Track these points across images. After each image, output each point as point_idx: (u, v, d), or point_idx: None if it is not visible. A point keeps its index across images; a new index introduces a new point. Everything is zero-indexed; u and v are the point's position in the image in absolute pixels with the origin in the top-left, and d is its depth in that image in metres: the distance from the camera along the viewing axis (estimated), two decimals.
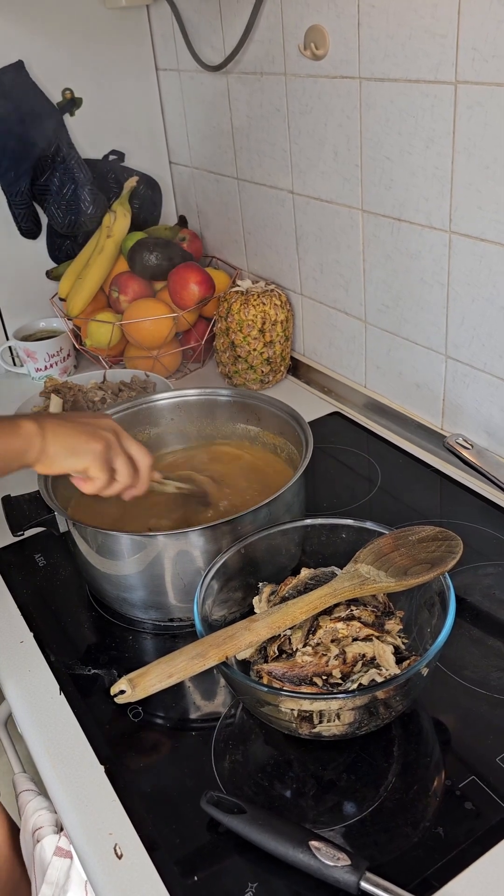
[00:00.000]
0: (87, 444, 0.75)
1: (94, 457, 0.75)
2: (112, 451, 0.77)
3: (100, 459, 0.76)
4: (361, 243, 1.10)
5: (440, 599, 0.70)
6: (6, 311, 1.46)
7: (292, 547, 0.82)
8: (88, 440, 0.76)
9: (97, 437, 0.76)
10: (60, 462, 0.75)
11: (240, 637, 0.67)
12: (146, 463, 0.81)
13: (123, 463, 0.78)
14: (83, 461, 0.75)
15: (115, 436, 0.79)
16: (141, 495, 0.83)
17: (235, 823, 0.61)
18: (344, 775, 0.67)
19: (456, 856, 0.60)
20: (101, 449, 0.76)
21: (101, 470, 0.76)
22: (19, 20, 1.30)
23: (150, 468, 0.82)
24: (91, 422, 0.78)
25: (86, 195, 1.38)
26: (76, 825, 0.67)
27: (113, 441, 0.78)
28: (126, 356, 1.38)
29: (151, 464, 0.82)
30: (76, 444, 0.75)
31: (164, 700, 0.76)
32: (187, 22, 1.30)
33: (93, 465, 0.76)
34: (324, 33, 1.01)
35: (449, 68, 0.86)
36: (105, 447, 0.76)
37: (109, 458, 0.77)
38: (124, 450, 0.79)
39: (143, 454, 0.81)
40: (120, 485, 0.79)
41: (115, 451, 0.78)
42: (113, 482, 0.78)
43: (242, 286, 1.29)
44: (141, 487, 0.82)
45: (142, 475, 0.81)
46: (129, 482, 0.80)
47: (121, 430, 0.80)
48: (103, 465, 0.76)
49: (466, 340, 0.99)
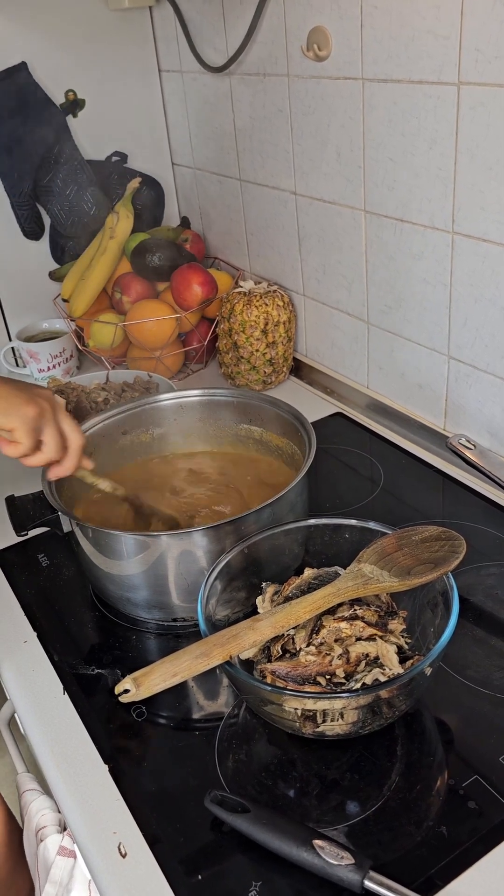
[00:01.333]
0: (18, 407, 0.75)
1: (23, 420, 0.75)
2: (43, 420, 0.76)
3: (28, 424, 0.75)
4: (364, 244, 1.10)
5: (443, 599, 0.70)
6: (9, 312, 1.46)
7: (296, 547, 0.82)
8: (21, 403, 0.75)
9: (31, 402, 0.75)
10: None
11: (243, 636, 0.67)
12: (77, 442, 0.80)
13: (52, 434, 0.77)
14: (11, 421, 0.74)
15: (51, 406, 0.78)
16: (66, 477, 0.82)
17: (239, 822, 0.61)
18: (347, 774, 0.67)
19: (459, 855, 0.60)
20: (33, 415, 0.75)
21: (27, 435, 0.75)
22: (22, 22, 1.30)
23: (80, 449, 0.81)
24: (30, 387, 0.78)
25: (88, 196, 1.39)
26: (80, 824, 0.67)
27: (47, 410, 0.77)
28: (129, 357, 1.39)
29: (82, 445, 0.81)
30: (8, 404, 0.74)
31: (168, 699, 0.76)
32: (190, 23, 1.31)
33: (20, 428, 0.75)
34: (326, 34, 1.01)
35: (452, 69, 0.86)
36: (37, 414, 0.76)
37: (39, 427, 0.76)
38: (57, 423, 0.78)
39: (76, 433, 0.80)
40: (44, 456, 0.78)
41: (47, 421, 0.77)
42: (37, 452, 0.78)
43: (245, 287, 1.29)
44: (67, 467, 0.81)
45: (70, 453, 0.80)
46: (55, 456, 0.79)
47: (58, 405, 0.79)
48: (31, 431, 0.75)
49: (469, 341, 0.99)
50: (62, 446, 0.79)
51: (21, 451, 0.77)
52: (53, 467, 0.81)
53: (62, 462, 0.80)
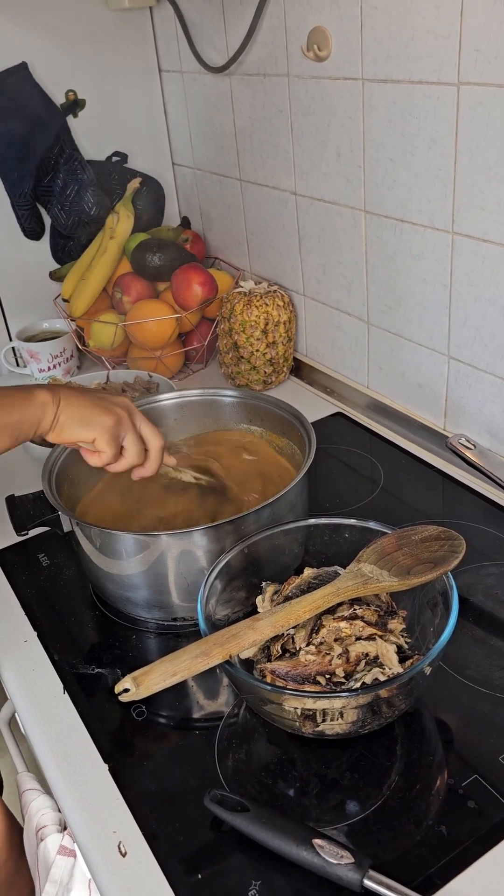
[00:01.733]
0: (98, 417, 0.76)
1: (104, 430, 0.76)
2: (122, 427, 0.78)
3: (109, 433, 0.77)
4: (364, 244, 1.10)
5: (443, 599, 0.70)
6: (9, 312, 1.47)
7: (295, 546, 0.83)
8: (100, 413, 0.77)
9: (109, 412, 0.77)
10: (70, 431, 0.76)
11: (243, 636, 0.67)
12: (157, 444, 0.82)
13: (133, 440, 0.79)
14: (92, 432, 0.76)
15: (128, 413, 0.79)
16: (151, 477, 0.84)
17: (239, 822, 0.62)
18: (347, 774, 0.67)
19: (458, 854, 0.60)
20: (112, 423, 0.77)
21: (109, 444, 0.77)
22: (23, 22, 1.30)
23: (162, 450, 0.82)
24: (106, 397, 0.79)
25: (89, 196, 1.39)
26: (80, 824, 0.67)
27: (125, 417, 0.79)
28: (129, 357, 1.39)
29: (163, 446, 0.83)
30: (87, 416, 0.76)
31: (168, 699, 0.76)
32: (190, 23, 1.31)
33: (101, 438, 0.76)
34: (326, 35, 1.02)
35: (451, 69, 0.87)
36: (116, 422, 0.77)
37: (119, 434, 0.78)
38: (136, 428, 0.80)
39: (155, 435, 0.81)
40: (127, 461, 0.80)
41: (126, 428, 0.78)
42: (121, 458, 0.79)
43: (245, 287, 1.29)
44: (150, 468, 0.82)
45: (151, 456, 0.82)
46: (137, 460, 0.80)
47: (135, 409, 0.81)
48: (112, 439, 0.77)
49: (469, 341, 0.99)
50: (143, 450, 0.81)
51: (105, 460, 0.79)
52: (136, 470, 0.82)
53: (144, 465, 0.82)
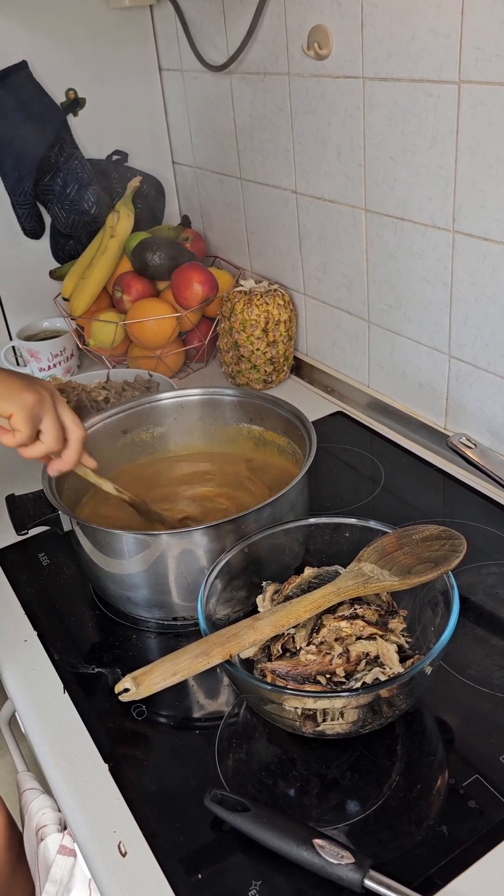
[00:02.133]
0: (17, 392, 0.73)
1: (22, 405, 0.73)
2: (43, 408, 0.74)
3: (27, 410, 0.73)
4: (364, 243, 1.10)
5: (444, 598, 0.70)
6: (9, 311, 1.46)
7: (296, 546, 0.82)
8: (21, 389, 0.73)
9: (30, 389, 0.74)
10: None
11: (243, 636, 0.67)
12: (77, 434, 0.78)
13: (52, 423, 0.75)
14: (9, 407, 0.72)
15: (52, 396, 0.76)
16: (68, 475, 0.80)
17: (239, 821, 0.61)
18: (347, 774, 0.67)
19: (459, 854, 0.60)
20: (32, 402, 0.73)
21: (26, 422, 0.73)
22: (23, 21, 1.30)
23: (81, 441, 0.79)
24: (30, 378, 0.76)
25: (89, 195, 1.39)
26: (80, 823, 0.67)
27: (47, 399, 0.75)
28: (129, 356, 1.39)
29: (83, 437, 0.79)
30: (6, 390, 0.72)
31: (168, 698, 0.76)
32: (190, 22, 1.30)
33: (18, 414, 0.73)
34: (327, 33, 1.01)
35: (452, 68, 0.86)
36: (36, 401, 0.74)
37: (38, 415, 0.74)
38: (56, 412, 0.76)
39: (76, 425, 0.78)
40: (43, 446, 0.76)
41: (46, 409, 0.75)
42: (36, 442, 0.76)
43: (245, 286, 1.29)
44: (67, 460, 0.79)
45: (70, 445, 0.78)
46: (54, 446, 0.77)
47: (59, 395, 0.78)
48: (29, 417, 0.73)
49: (470, 340, 0.99)
50: (62, 438, 0.77)
51: (19, 440, 0.74)
52: (54, 461, 0.79)
53: (62, 455, 0.79)
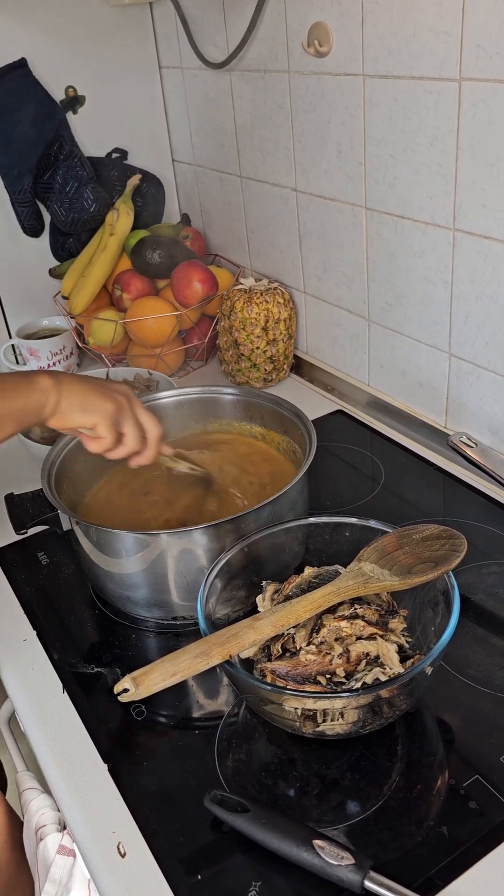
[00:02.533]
0: (99, 403, 0.77)
1: (104, 415, 0.77)
2: (122, 414, 0.79)
3: (109, 419, 0.77)
4: (365, 241, 1.10)
5: (444, 598, 0.70)
6: (9, 310, 1.46)
7: (296, 545, 0.82)
8: (102, 399, 0.77)
9: (110, 398, 0.78)
10: (71, 417, 0.76)
11: (243, 636, 0.67)
12: (156, 433, 0.83)
13: (132, 427, 0.80)
14: (93, 418, 0.77)
15: (128, 401, 0.80)
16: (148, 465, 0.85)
17: (239, 822, 0.61)
18: (347, 774, 0.67)
19: (460, 855, 0.60)
20: (113, 410, 0.78)
21: (109, 430, 0.78)
22: (22, 18, 1.29)
23: (160, 439, 0.83)
24: (106, 383, 0.80)
25: (88, 193, 1.38)
26: (79, 824, 0.67)
27: (125, 405, 0.79)
28: (129, 354, 1.38)
29: (161, 435, 0.83)
30: (89, 401, 0.77)
31: (168, 698, 0.76)
32: (190, 19, 1.30)
33: (101, 424, 0.77)
34: (327, 30, 1.01)
35: (453, 66, 0.86)
36: (116, 409, 0.78)
37: (119, 421, 0.79)
38: (135, 415, 0.81)
39: (153, 424, 0.82)
40: (127, 448, 0.80)
41: (126, 415, 0.79)
42: (119, 445, 0.80)
43: (245, 284, 1.28)
44: (147, 456, 0.83)
45: (150, 443, 0.82)
46: (136, 447, 0.81)
47: (134, 397, 0.82)
48: (112, 425, 0.78)
49: (470, 338, 0.99)
50: (142, 437, 0.82)
51: (105, 446, 0.79)
52: (134, 458, 0.83)
53: (142, 452, 0.82)
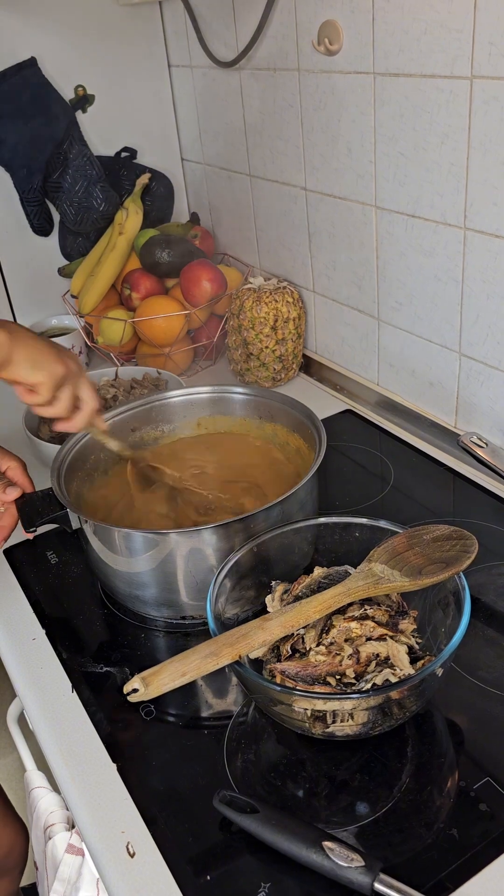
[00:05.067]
0: (49, 364, 0.79)
1: (51, 376, 0.79)
2: (66, 380, 0.81)
3: (54, 381, 0.79)
4: (375, 240, 1.09)
5: (454, 599, 0.69)
6: (18, 308, 1.46)
7: (305, 545, 0.82)
8: (52, 361, 0.79)
9: (61, 362, 0.80)
10: (18, 370, 0.77)
11: (253, 636, 0.66)
12: (92, 405, 0.85)
13: (68, 394, 0.82)
14: (39, 376, 0.78)
15: (77, 369, 0.83)
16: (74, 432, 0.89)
17: (248, 823, 0.61)
18: (357, 775, 0.67)
19: (470, 858, 0.59)
20: (61, 374, 0.80)
21: (49, 391, 0.80)
22: (32, 17, 1.30)
23: (93, 412, 0.85)
24: (60, 348, 0.82)
25: (98, 192, 1.38)
26: (88, 823, 0.67)
27: (73, 371, 0.82)
28: (138, 353, 1.38)
29: (96, 409, 0.86)
30: (40, 359, 0.78)
31: (177, 698, 0.75)
32: (200, 18, 1.30)
33: (46, 384, 0.79)
34: (338, 28, 1.01)
35: (465, 63, 0.85)
36: (64, 374, 0.80)
37: (61, 385, 0.80)
38: (76, 385, 0.83)
39: (91, 397, 0.85)
40: (54, 410, 0.82)
41: (69, 380, 0.81)
42: (50, 406, 0.82)
43: (254, 283, 1.28)
44: (75, 424, 0.85)
45: (82, 413, 0.84)
46: (64, 414, 0.83)
47: (83, 370, 0.84)
48: (54, 387, 0.80)
49: (481, 338, 0.98)
50: (73, 407, 0.84)
51: (37, 402, 0.81)
52: (62, 422, 0.85)
53: (71, 419, 0.84)
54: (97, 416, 0.88)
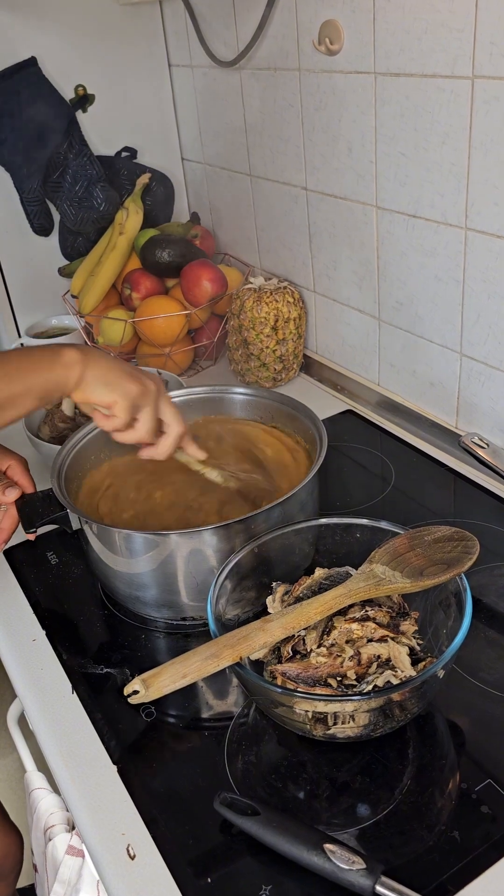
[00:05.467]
0: (123, 382, 0.75)
1: (125, 395, 0.75)
2: (144, 400, 0.77)
3: (129, 400, 0.76)
4: (375, 240, 1.09)
5: (456, 600, 0.69)
6: (18, 309, 1.46)
7: (306, 546, 0.82)
8: (126, 379, 0.76)
9: (135, 380, 0.76)
10: (93, 391, 0.75)
11: (254, 637, 0.66)
12: (177, 430, 0.81)
13: (148, 417, 0.78)
14: (113, 395, 0.75)
15: (156, 389, 0.79)
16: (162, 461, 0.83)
17: (249, 825, 0.61)
18: (358, 777, 0.66)
19: (472, 860, 0.59)
20: (136, 392, 0.76)
21: (126, 411, 0.76)
22: (32, 17, 1.29)
23: (180, 437, 0.81)
24: (137, 368, 0.79)
25: (98, 192, 1.38)
26: (88, 825, 0.67)
27: (151, 391, 0.78)
28: (138, 353, 1.38)
29: (183, 433, 0.81)
30: (113, 378, 0.75)
31: (177, 700, 0.75)
32: (200, 18, 1.30)
33: (121, 403, 0.75)
34: (338, 28, 1.00)
35: (466, 63, 0.85)
36: (140, 393, 0.76)
37: (139, 406, 0.77)
38: (157, 406, 0.79)
39: (177, 420, 0.81)
40: (136, 434, 0.78)
41: (147, 402, 0.77)
42: (130, 430, 0.78)
43: (255, 283, 1.28)
44: (161, 451, 0.81)
45: (167, 439, 0.80)
46: (146, 437, 0.79)
47: (163, 389, 0.80)
48: (130, 407, 0.76)
49: (482, 338, 0.98)
50: (157, 431, 0.80)
51: (115, 426, 0.77)
52: (146, 448, 0.81)
53: (157, 445, 0.81)
54: (189, 443, 0.83)
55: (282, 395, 0.98)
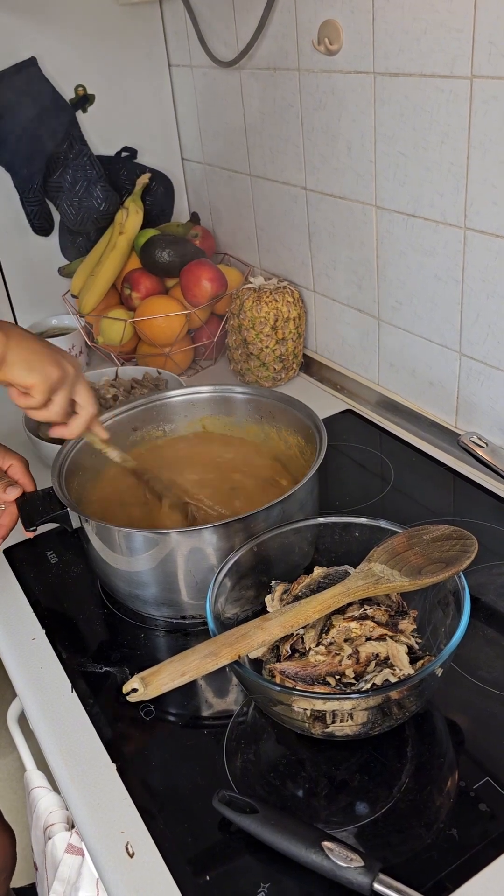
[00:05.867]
0: (44, 366, 0.77)
1: (46, 379, 0.77)
2: (62, 384, 0.79)
3: (48, 384, 0.77)
4: (375, 240, 1.09)
5: (454, 599, 0.69)
6: (18, 308, 1.46)
7: (305, 545, 0.82)
8: (48, 363, 0.77)
9: (56, 364, 0.78)
10: (13, 372, 0.76)
11: (252, 636, 0.66)
12: (90, 411, 0.83)
13: (64, 398, 0.80)
14: (34, 379, 0.77)
15: (75, 373, 0.81)
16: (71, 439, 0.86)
17: (248, 823, 0.61)
18: (357, 775, 0.66)
19: (470, 858, 0.59)
20: (56, 377, 0.78)
21: (43, 393, 0.78)
22: (32, 17, 1.30)
23: (90, 418, 0.83)
24: (59, 351, 0.80)
25: (98, 192, 1.38)
26: (88, 823, 0.67)
27: (70, 375, 0.80)
28: (138, 353, 1.38)
29: (94, 415, 0.83)
30: (35, 361, 0.77)
31: (176, 698, 0.75)
32: (200, 18, 1.30)
33: (39, 385, 0.77)
34: (338, 28, 1.01)
35: (465, 63, 0.85)
36: (60, 377, 0.78)
37: (56, 388, 0.79)
38: (73, 389, 0.81)
39: (90, 402, 0.83)
40: (48, 413, 0.80)
41: (65, 385, 0.79)
42: (44, 409, 0.80)
43: (255, 283, 1.28)
44: (71, 430, 0.83)
45: (79, 419, 0.82)
46: (57, 418, 0.81)
47: (80, 373, 0.82)
48: (49, 390, 0.78)
49: (481, 338, 0.98)
50: (69, 412, 0.82)
51: (31, 405, 0.79)
52: (57, 427, 0.83)
53: (68, 425, 0.83)
54: (96, 424, 0.85)
55: (281, 394, 0.99)
